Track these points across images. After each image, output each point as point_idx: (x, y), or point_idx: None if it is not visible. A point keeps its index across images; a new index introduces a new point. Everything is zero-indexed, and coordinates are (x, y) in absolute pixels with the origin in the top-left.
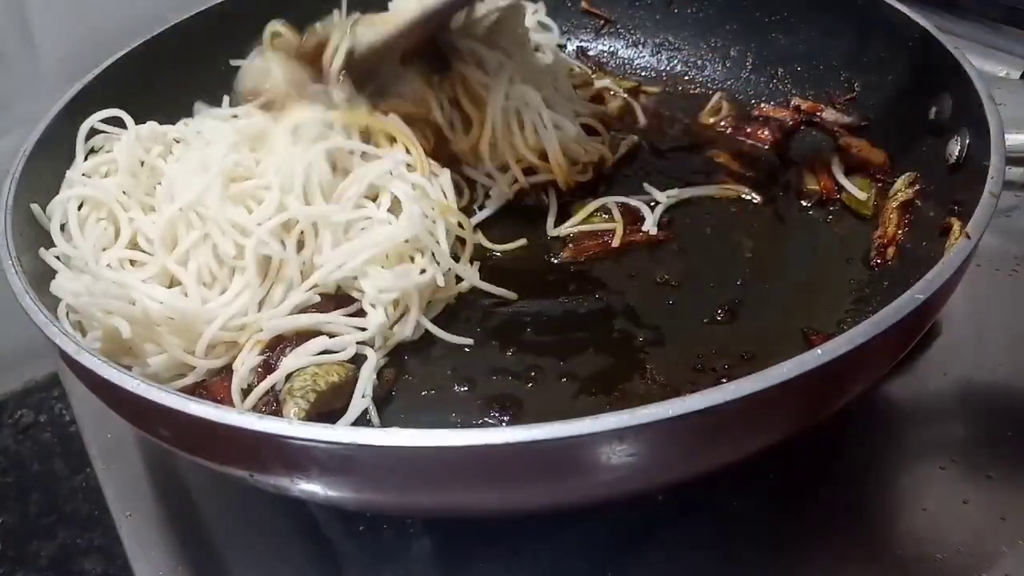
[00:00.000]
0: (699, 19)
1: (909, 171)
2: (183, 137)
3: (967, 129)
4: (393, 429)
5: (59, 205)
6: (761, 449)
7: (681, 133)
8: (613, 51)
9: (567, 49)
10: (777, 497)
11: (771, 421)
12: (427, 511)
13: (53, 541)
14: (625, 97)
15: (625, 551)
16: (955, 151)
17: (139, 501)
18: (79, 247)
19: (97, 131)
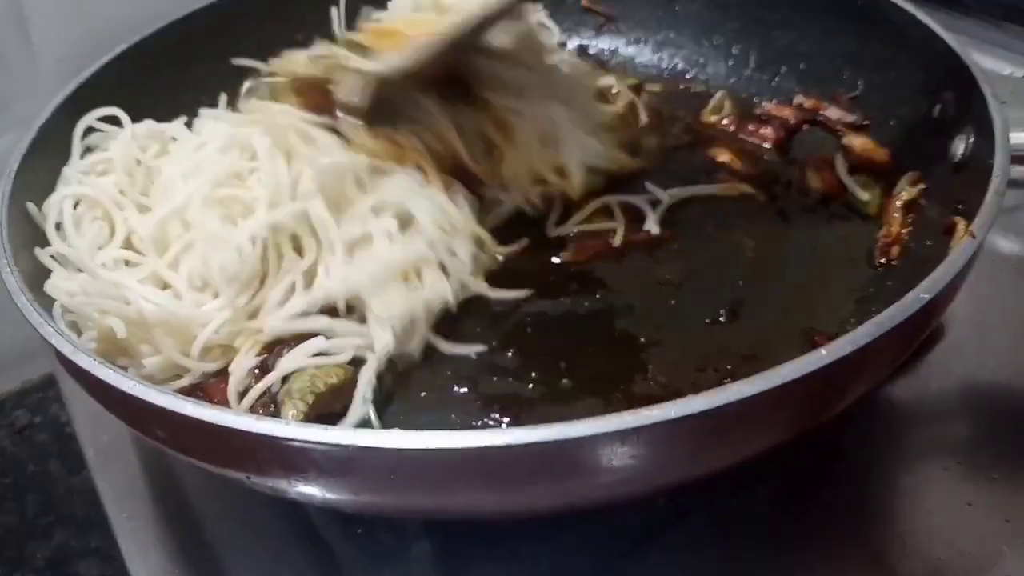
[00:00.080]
0: (701, 17)
1: (913, 170)
2: (180, 137)
3: (971, 128)
4: (392, 431)
5: (55, 204)
6: (764, 450)
7: (683, 131)
8: (614, 49)
9: (567, 47)
10: (778, 498)
11: (774, 422)
12: (426, 513)
13: (49, 543)
14: (631, 96)
15: (626, 553)
16: (959, 150)
17: (136, 502)
18: (75, 246)
19: (93, 130)
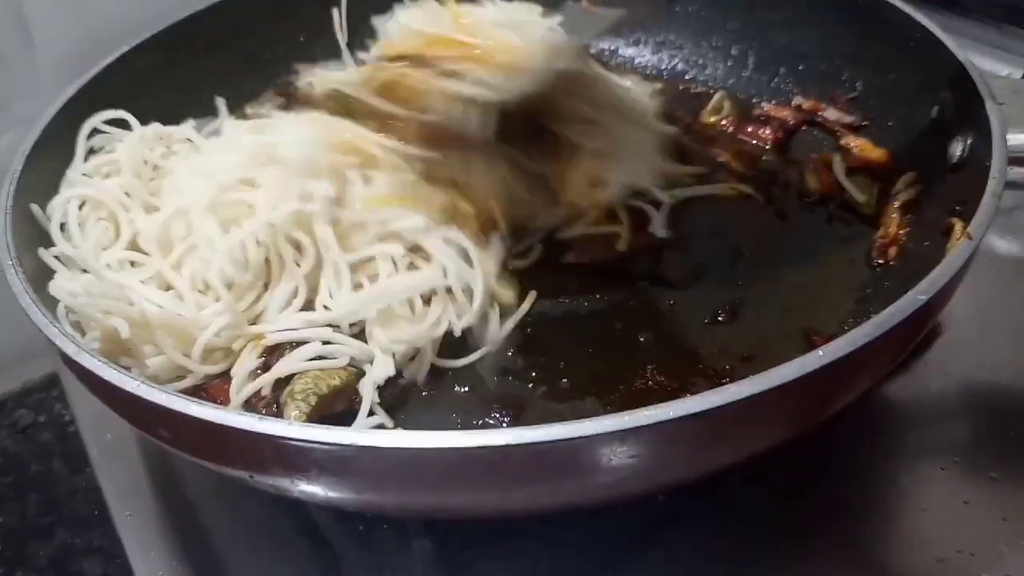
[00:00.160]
0: (700, 18)
1: (911, 171)
2: (195, 140)
3: (969, 129)
4: (394, 430)
5: (59, 205)
6: (763, 450)
7: (682, 132)
8: (614, 50)
9: None
10: (776, 497)
11: (773, 422)
12: (427, 512)
13: (52, 541)
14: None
15: (625, 551)
16: (957, 151)
17: (139, 501)
18: (79, 247)
19: (97, 131)
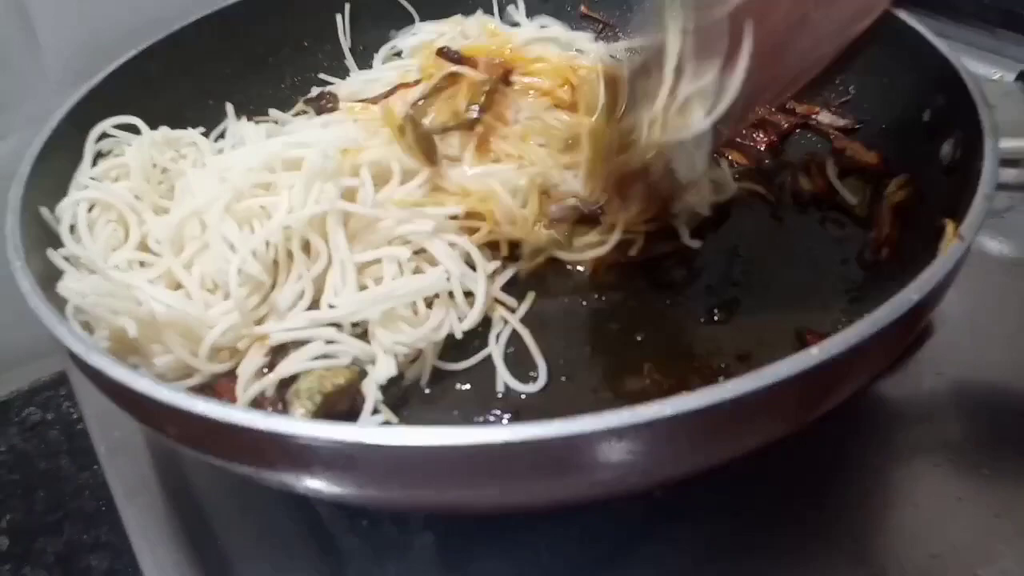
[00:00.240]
0: None
1: (903, 173)
2: (200, 145)
3: (961, 131)
4: (397, 427)
5: (68, 207)
6: (758, 446)
7: None
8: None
9: None
10: (771, 493)
11: (767, 419)
12: (429, 507)
13: (60, 537)
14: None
15: (624, 545)
16: (949, 153)
17: (146, 497)
18: (88, 248)
19: (105, 135)
